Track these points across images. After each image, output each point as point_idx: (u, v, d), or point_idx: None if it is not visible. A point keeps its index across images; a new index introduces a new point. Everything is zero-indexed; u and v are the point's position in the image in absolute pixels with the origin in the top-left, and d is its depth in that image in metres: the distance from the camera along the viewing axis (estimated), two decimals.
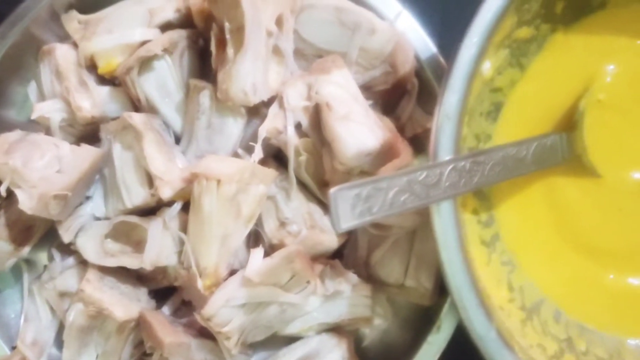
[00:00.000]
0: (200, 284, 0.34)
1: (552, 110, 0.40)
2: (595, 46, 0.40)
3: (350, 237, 0.40)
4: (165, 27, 0.39)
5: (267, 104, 0.38)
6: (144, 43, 0.38)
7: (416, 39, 0.39)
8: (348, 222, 0.27)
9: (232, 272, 0.37)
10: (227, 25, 0.34)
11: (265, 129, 0.35)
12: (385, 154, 0.36)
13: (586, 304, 0.40)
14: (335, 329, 0.39)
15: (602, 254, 0.40)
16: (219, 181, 0.34)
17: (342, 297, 0.37)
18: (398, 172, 0.29)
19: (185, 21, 0.39)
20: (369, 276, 0.39)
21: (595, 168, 0.39)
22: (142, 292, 0.38)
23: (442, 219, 0.31)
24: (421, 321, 0.40)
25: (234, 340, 0.34)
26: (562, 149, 0.36)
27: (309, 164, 0.37)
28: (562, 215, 0.40)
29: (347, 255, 0.40)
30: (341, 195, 0.27)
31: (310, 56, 0.39)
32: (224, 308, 0.34)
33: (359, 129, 0.35)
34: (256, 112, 0.38)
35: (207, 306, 0.33)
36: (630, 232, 0.40)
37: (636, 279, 0.40)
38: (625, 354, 0.39)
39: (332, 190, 0.26)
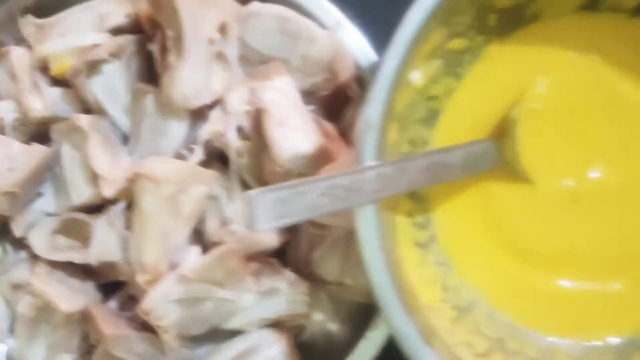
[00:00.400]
0: (140, 279, 0.36)
1: (488, 117, 0.41)
2: (529, 57, 0.41)
3: (292, 236, 0.41)
4: (117, 31, 0.41)
5: (213, 107, 0.39)
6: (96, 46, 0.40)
7: (358, 47, 0.41)
8: (266, 223, 0.29)
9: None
10: (168, 32, 0.36)
11: (206, 132, 0.37)
12: (321, 158, 0.38)
13: (519, 304, 0.42)
14: (276, 325, 0.40)
15: (535, 257, 0.41)
16: (158, 181, 0.35)
17: (280, 294, 0.39)
18: (320, 177, 0.31)
19: (136, 26, 0.41)
20: (309, 274, 0.41)
21: (528, 175, 0.40)
22: (90, 286, 0.40)
23: (365, 221, 0.32)
24: (361, 317, 0.42)
25: (172, 333, 0.36)
26: (491, 156, 0.38)
27: (251, 166, 0.39)
28: (496, 218, 0.41)
29: (289, 253, 0.42)
30: (260, 198, 0.28)
31: (255, 62, 0.41)
32: (161, 302, 0.35)
33: (294, 134, 0.36)
34: (201, 115, 0.40)
35: (145, 300, 0.35)
36: (560, 236, 0.41)
37: (567, 281, 0.42)
38: (557, 354, 0.41)
39: (253, 193, 0.28)
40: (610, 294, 0.41)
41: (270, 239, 0.39)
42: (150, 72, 0.41)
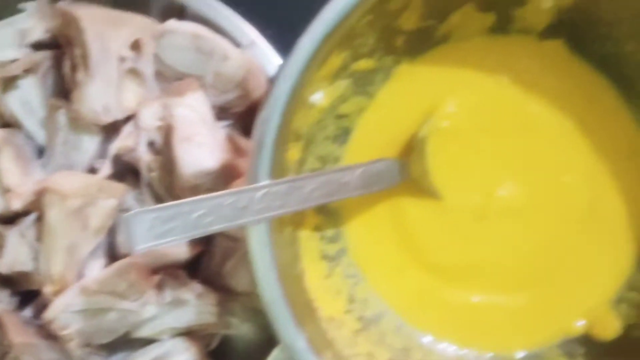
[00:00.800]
0: (47, 289, 0.37)
1: (399, 135, 0.43)
2: (439, 77, 0.43)
3: (206, 248, 0.43)
4: (38, 46, 0.42)
5: (127, 122, 0.41)
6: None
7: (272, 65, 0.42)
8: (144, 243, 0.30)
9: None
10: (76, 50, 0.37)
11: (115, 147, 0.38)
12: (226, 174, 0.39)
13: (427, 316, 0.43)
14: (188, 333, 0.41)
15: (443, 271, 0.43)
16: (63, 195, 0.36)
17: (189, 304, 0.40)
18: (204, 197, 0.32)
19: (56, 41, 0.42)
20: (222, 285, 0.42)
21: (437, 191, 0.41)
22: (5, 294, 0.41)
23: (256, 238, 0.34)
24: None
25: (75, 342, 0.37)
26: (392, 174, 0.39)
27: (162, 180, 0.40)
28: (406, 232, 0.43)
29: (203, 264, 0.43)
30: (138, 219, 0.29)
31: (171, 78, 0.42)
32: (63, 313, 0.36)
33: (199, 150, 0.37)
34: (116, 129, 0.41)
35: (47, 311, 0.36)
36: (468, 251, 0.42)
37: (475, 294, 0.43)
38: None
39: (126, 215, 0.29)
40: (516, 308, 0.43)
41: (180, 252, 0.40)
42: (66, 87, 0.42)
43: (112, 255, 0.40)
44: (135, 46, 0.39)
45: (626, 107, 0.42)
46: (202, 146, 0.37)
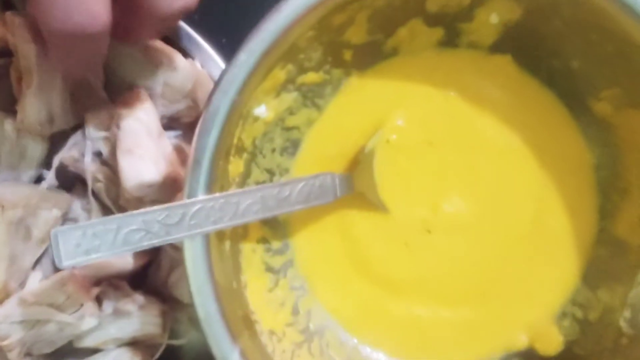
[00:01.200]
0: None
1: (348, 147, 0.43)
2: (388, 90, 0.43)
3: (153, 258, 0.43)
4: None
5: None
6: None
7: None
8: (71, 259, 0.30)
9: None
10: (21, 60, 0.37)
11: (59, 157, 0.38)
12: (172, 186, 0.39)
13: (372, 329, 0.43)
14: (133, 344, 0.42)
15: (389, 283, 0.43)
16: (3, 206, 0.36)
17: (132, 316, 0.40)
18: (135, 212, 0.32)
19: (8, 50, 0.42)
20: (169, 295, 0.43)
21: (384, 204, 0.42)
22: None
23: (191, 253, 0.34)
24: None
25: (16, 352, 0.37)
26: (333, 188, 0.39)
27: (109, 190, 0.40)
28: (353, 245, 0.43)
29: (150, 275, 0.43)
30: (64, 235, 0.30)
31: (121, 88, 0.42)
32: (3, 323, 0.37)
33: (140, 163, 0.38)
34: (65, 138, 0.41)
35: None
36: (414, 264, 0.43)
37: (419, 307, 0.43)
38: None
39: (54, 231, 0.29)
40: (460, 322, 0.43)
41: (125, 263, 0.40)
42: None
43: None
44: None
45: (573, 122, 0.42)
46: (144, 158, 0.38)
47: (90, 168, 0.39)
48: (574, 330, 0.42)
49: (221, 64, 0.42)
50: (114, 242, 0.31)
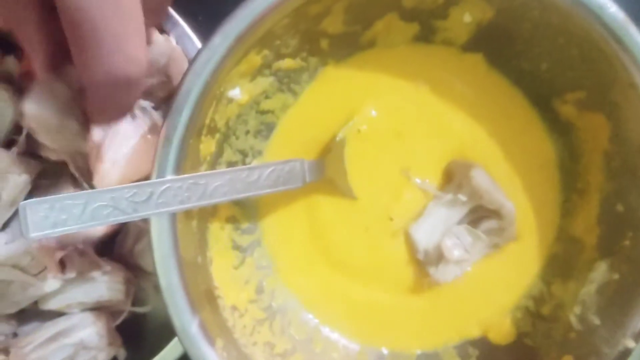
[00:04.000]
0: None
1: (321, 134, 0.44)
2: (363, 81, 0.44)
3: (122, 227, 0.44)
4: None
5: None
6: None
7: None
8: (39, 231, 0.31)
9: None
10: None
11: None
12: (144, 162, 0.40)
13: (331, 311, 0.45)
14: (97, 308, 0.43)
15: (350, 268, 0.44)
16: None
17: (97, 281, 0.41)
18: (104, 189, 0.33)
19: None
20: (135, 264, 0.44)
21: (352, 191, 0.43)
22: None
23: (157, 228, 0.35)
24: None
25: None
26: (303, 173, 0.40)
27: (74, 161, 0.41)
28: (318, 229, 0.44)
29: (117, 243, 0.44)
30: (32, 207, 0.31)
31: None
32: None
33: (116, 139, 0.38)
34: None
35: None
36: (374, 250, 0.44)
37: (378, 293, 0.44)
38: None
39: (22, 203, 0.30)
40: (416, 309, 0.45)
41: (93, 230, 0.41)
42: None
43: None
44: None
45: (539, 122, 0.43)
46: (118, 134, 0.38)
47: None
48: (526, 323, 0.44)
49: (196, 41, 0.43)
50: (81, 217, 0.32)
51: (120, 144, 0.40)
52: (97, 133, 0.37)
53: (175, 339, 0.43)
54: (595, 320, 0.41)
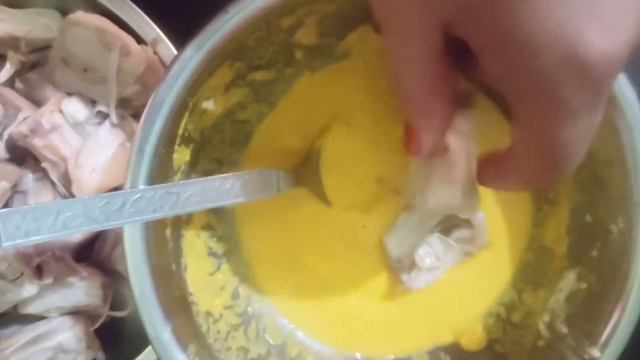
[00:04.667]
0: None
1: (297, 143, 0.44)
2: (338, 91, 0.44)
3: (100, 233, 0.44)
4: None
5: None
6: None
7: None
8: (11, 240, 0.31)
9: None
10: None
11: (7, 132, 0.40)
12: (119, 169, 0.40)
13: (307, 316, 0.45)
14: (75, 313, 0.44)
15: (325, 275, 0.45)
16: None
17: (74, 286, 0.42)
18: (74, 199, 0.33)
19: None
20: (112, 269, 0.44)
21: (327, 199, 0.43)
22: None
23: (130, 236, 0.35)
24: None
25: None
26: (276, 183, 0.41)
27: (55, 167, 0.42)
28: (294, 236, 0.45)
29: (96, 249, 0.45)
30: (4, 217, 0.31)
31: (76, 67, 0.43)
32: None
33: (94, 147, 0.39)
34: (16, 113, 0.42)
35: None
36: (348, 257, 0.45)
37: (351, 300, 0.45)
38: None
39: None
40: (389, 316, 0.45)
41: (70, 237, 0.42)
42: None
43: None
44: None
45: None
46: (96, 145, 0.39)
47: (38, 144, 0.40)
48: (497, 329, 0.45)
49: (174, 50, 0.43)
50: (53, 226, 0.33)
51: (99, 152, 0.40)
52: None
53: None
54: (563, 328, 0.41)
